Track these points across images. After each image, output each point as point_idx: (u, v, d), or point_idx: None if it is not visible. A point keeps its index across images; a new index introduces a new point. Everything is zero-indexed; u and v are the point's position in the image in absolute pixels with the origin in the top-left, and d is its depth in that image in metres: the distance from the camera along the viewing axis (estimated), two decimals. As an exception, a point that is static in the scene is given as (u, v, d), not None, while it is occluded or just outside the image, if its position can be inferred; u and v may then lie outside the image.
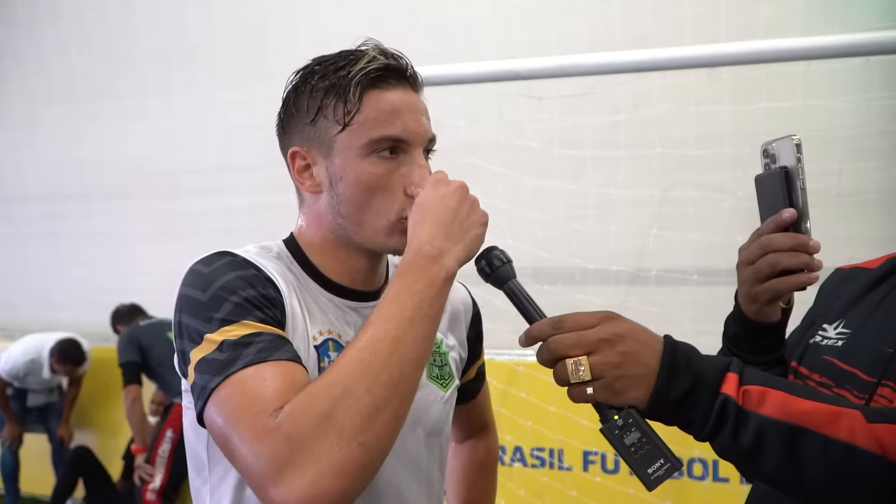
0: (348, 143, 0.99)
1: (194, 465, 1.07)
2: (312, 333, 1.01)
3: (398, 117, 0.99)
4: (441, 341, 1.17)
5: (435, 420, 1.12)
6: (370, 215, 1.00)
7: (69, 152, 5.10)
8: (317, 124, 1.01)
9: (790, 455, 0.79)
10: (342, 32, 4.23)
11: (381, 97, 0.99)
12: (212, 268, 0.95)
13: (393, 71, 1.01)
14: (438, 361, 1.14)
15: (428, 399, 1.11)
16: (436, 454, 1.13)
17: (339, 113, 0.99)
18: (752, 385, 0.81)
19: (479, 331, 1.28)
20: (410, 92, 1.03)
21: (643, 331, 0.84)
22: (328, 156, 1.01)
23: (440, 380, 1.14)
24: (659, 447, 0.81)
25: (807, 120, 3.12)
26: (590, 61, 2.67)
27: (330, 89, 1.00)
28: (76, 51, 4.95)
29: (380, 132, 0.98)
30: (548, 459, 3.64)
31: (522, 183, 3.60)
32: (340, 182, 1.00)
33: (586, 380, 0.82)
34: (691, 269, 3.41)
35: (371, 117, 0.99)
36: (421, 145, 1.02)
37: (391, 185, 0.99)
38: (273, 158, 1.17)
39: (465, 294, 1.26)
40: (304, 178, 1.04)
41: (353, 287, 1.07)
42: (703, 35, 3.26)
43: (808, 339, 1.13)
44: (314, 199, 1.05)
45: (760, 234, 1.03)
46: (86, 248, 5.16)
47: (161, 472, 3.75)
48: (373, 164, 0.99)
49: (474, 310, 1.26)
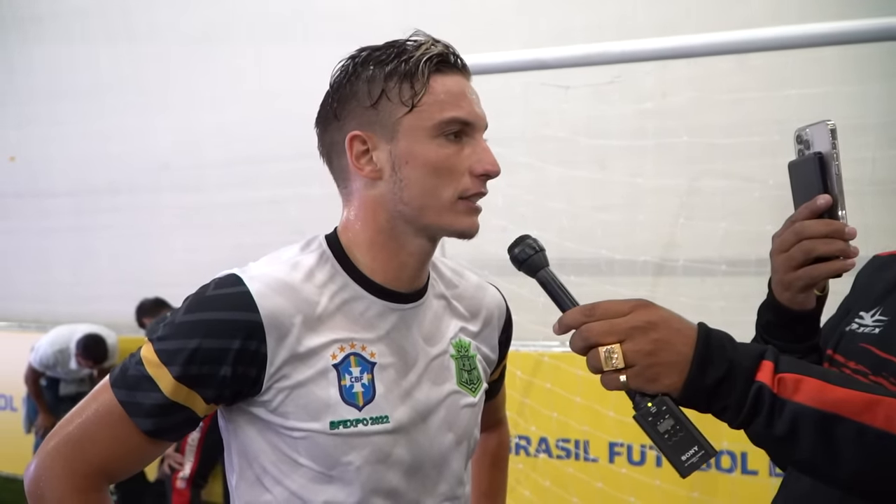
0: (415, 124, 0.99)
1: (226, 454, 1.08)
2: (332, 352, 1.00)
3: (463, 100, 1.01)
4: (469, 344, 1.16)
5: (465, 425, 1.12)
6: (433, 198, 1.00)
7: (97, 147, 5.17)
8: (379, 107, 1.00)
9: (825, 443, 0.78)
10: (367, 22, 4.25)
11: (445, 81, 1.01)
12: (205, 308, 0.97)
13: (449, 58, 1.02)
14: (467, 366, 1.14)
15: (459, 405, 1.10)
16: (464, 457, 1.14)
17: (406, 95, 0.99)
18: (787, 373, 0.80)
19: (510, 335, 1.27)
20: (466, 79, 1.04)
21: (677, 318, 0.83)
22: (392, 139, 1.00)
23: (469, 385, 1.13)
24: (693, 434, 0.80)
25: (839, 106, 3.07)
26: (617, 49, 2.65)
27: (392, 72, 1.00)
28: (102, 46, 5.01)
29: (449, 113, 0.99)
30: (573, 451, 3.63)
31: (548, 173, 3.58)
32: (406, 165, 1.00)
33: (619, 367, 0.81)
34: (719, 260, 3.38)
35: (439, 99, 0.99)
36: (482, 129, 1.03)
37: (457, 166, 1.00)
38: (297, 152, 1.18)
39: (500, 298, 1.24)
40: (362, 163, 1.02)
41: (397, 288, 1.06)
42: (731, 21, 3.22)
43: (843, 326, 1.11)
44: (370, 186, 1.03)
45: (794, 220, 1.01)
46: (114, 241, 5.25)
47: (191, 460, 3.78)
48: (440, 145, 1.00)
49: (507, 314, 1.25)
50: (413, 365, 1.06)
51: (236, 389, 0.97)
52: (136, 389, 0.96)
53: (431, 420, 1.06)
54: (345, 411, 0.99)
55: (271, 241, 2.27)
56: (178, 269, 4.93)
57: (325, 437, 0.98)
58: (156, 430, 0.96)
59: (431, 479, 1.07)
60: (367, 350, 1.03)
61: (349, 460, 0.99)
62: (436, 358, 1.09)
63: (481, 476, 1.39)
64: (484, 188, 1.02)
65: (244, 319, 0.95)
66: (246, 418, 1.01)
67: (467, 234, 1.03)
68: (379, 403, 1.01)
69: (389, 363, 1.04)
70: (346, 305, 1.03)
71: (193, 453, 3.79)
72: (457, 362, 1.12)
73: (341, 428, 0.98)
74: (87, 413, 0.98)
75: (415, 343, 1.07)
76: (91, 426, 0.97)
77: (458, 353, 1.12)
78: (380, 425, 1.00)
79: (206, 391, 0.96)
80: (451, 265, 1.21)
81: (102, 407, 0.97)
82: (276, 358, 0.97)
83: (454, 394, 1.10)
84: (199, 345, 0.94)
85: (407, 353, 1.06)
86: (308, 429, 0.98)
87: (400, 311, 1.06)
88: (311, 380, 0.98)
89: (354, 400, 1.00)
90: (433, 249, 1.08)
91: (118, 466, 0.98)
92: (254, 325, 0.95)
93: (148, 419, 0.95)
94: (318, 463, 0.99)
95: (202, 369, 0.95)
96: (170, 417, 0.96)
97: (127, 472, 1.01)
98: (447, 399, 1.09)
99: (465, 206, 1.01)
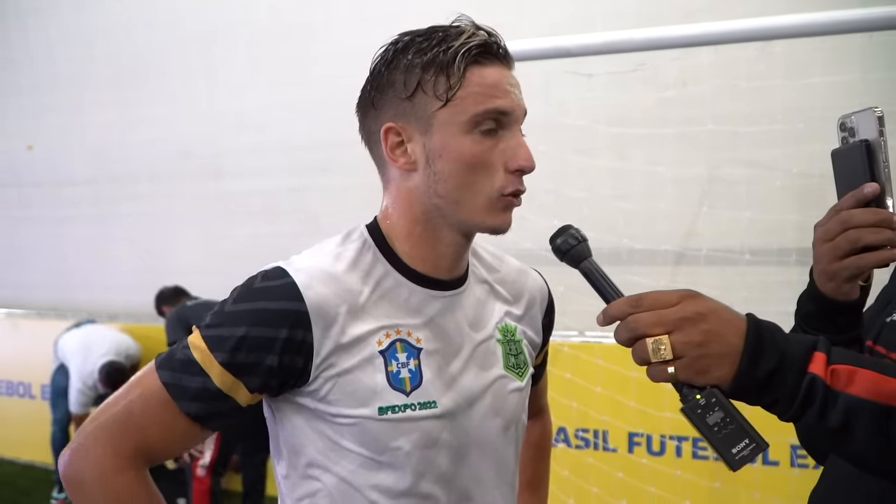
0: (450, 118, 0.98)
1: (273, 445, 1.09)
2: (378, 339, 1.01)
3: (499, 91, 0.99)
4: (515, 328, 1.15)
5: (513, 409, 1.11)
6: (469, 193, 0.99)
7: (116, 136, 5.19)
8: (415, 99, 0.99)
9: (882, 435, 0.77)
10: (386, 13, 4.22)
11: (483, 73, 0.99)
12: (239, 304, 0.98)
13: (491, 47, 1.00)
14: (514, 350, 1.14)
15: (506, 389, 1.10)
16: (512, 442, 1.13)
17: (441, 88, 0.98)
18: (841, 364, 0.79)
19: (553, 318, 1.27)
20: (506, 68, 1.02)
21: (725, 309, 0.82)
22: (427, 132, 1.00)
23: (516, 369, 1.13)
24: (743, 427, 0.79)
25: (865, 94, 3.03)
26: (640, 37, 2.62)
27: (429, 64, 0.98)
28: (122, 35, 5.02)
29: (483, 106, 0.98)
30: (592, 440, 3.63)
31: (568, 162, 3.56)
32: (440, 159, 0.99)
33: (667, 359, 0.80)
34: (742, 249, 3.35)
35: (474, 92, 0.98)
36: (519, 120, 1.02)
37: (492, 161, 0.98)
38: (316, 140, 1.17)
39: (542, 281, 1.24)
40: (396, 155, 1.02)
41: (437, 276, 1.06)
42: (755, 8, 3.18)
43: (884, 317, 1.10)
44: (405, 177, 1.03)
45: (839, 209, 1.00)
46: (133, 229, 5.27)
47: (210, 448, 3.82)
48: (474, 141, 0.98)
49: (549, 298, 1.25)
50: (459, 350, 1.06)
51: (283, 380, 0.98)
52: (183, 372, 0.96)
53: (479, 405, 1.06)
54: (392, 397, 0.99)
55: (289, 230, 2.28)
56: (197, 257, 4.96)
57: (373, 422, 0.98)
58: (199, 415, 0.97)
59: (480, 465, 1.07)
60: (413, 336, 1.03)
61: (398, 445, 0.99)
62: (482, 343, 1.09)
63: (525, 466, 1.39)
64: (521, 185, 1.01)
65: (291, 309, 0.96)
66: (293, 409, 1.01)
67: (499, 231, 1.02)
68: (426, 388, 1.01)
69: (435, 349, 1.03)
70: (390, 293, 1.03)
71: (213, 441, 3.82)
72: (503, 346, 1.12)
73: (390, 413, 0.98)
74: (132, 395, 0.98)
75: (460, 329, 1.07)
76: (136, 408, 0.97)
77: (504, 338, 1.12)
78: (427, 410, 1.01)
79: (252, 380, 0.96)
80: (492, 250, 1.20)
81: (147, 389, 0.98)
82: (322, 348, 0.97)
83: (501, 378, 1.09)
84: (246, 333, 0.95)
85: (452, 339, 1.05)
86: (357, 415, 0.98)
87: (443, 298, 1.06)
88: (358, 367, 0.98)
89: (401, 385, 1.00)
90: (468, 244, 1.08)
91: (160, 448, 0.99)
92: (300, 315, 0.96)
93: (192, 403, 0.96)
94: (368, 448, 0.99)
95: (249, 357, 0.95)
96: (214, 404, 0.96)
97: (168, 455, 1.02)
98: (494, 384, 1.08)
99: (502, 203, 1.00)
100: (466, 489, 1.06)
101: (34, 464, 5.21)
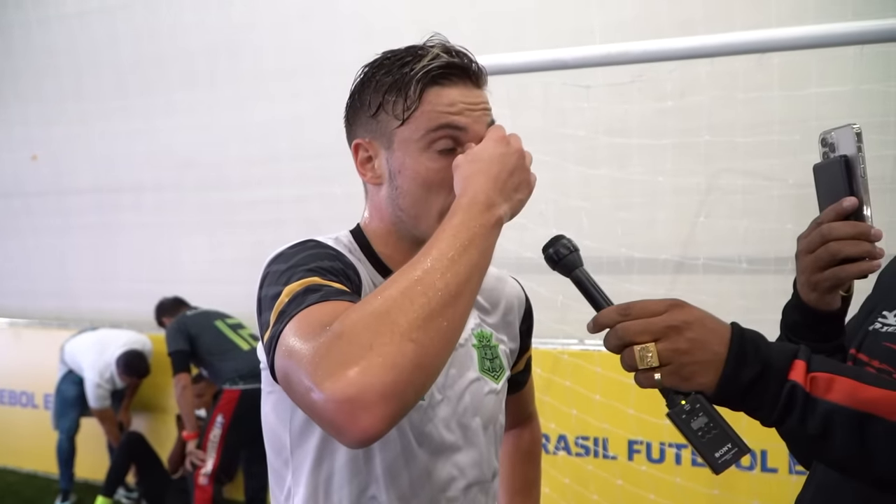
0: (408, 136, 1.03)
1: (275, 447, 1.12)
2: None
3: (454, 109, 1.02)
4: (491, 335, 1.22)
5: (490, 410, 1.18)
6: (425, 209, 1.04)
7: (120, 146, 5.22)
8: (378, 118, 1.05)
9: (858, 441, 0.80)
10: (386, 24, 4.26)
11: (441, 93, 1.02)
12: (296, 249, 1.02)
13: (455, 68, 1.03)
14: (489, 355, 1.20)
15: (482, 391, 1.17)
16: (492, 440, 1.20)
17: (399, 109, 1.02)
18: (820, 372, 0.82)
19: (531, 324, 1.32)
20: (472, 89, 1.04)
21: (710, 318, 0.86)
22: (389, 149, 1.05)
23: (492, 372, 1.19)
24: (726, 432, 0.82)
25: (860, 105, 3.06)
26: (638, 49, 2.65)
27: (392, 85, 1.03)
28: (127, 46, 5.06)
29: (435, 122, 1.01)
30: (592, 448, 3.64)
31: (568, 171, 3.60)
32: (399, 175, 1.04)
33: (654, 366, 0.84)
34: (739, 258, 3.39)
35: (427, 111, 1.01)
36: (478, 138, 1.03)
37: (448, 180, 1.00)
38: (319, 150, 1.21)
39: (519, 289, 1.30)
40: (366, 169, 1.09)
41: None
42: (752, 20, 3.22)
43: (867, 326, 1.13)
44: (376, 190, 1.10)
45: (820, 222, 1.03)
46: (137, 239, 5.30)
47: (213, 456, 3.83)
48: (431, 159, 1.02)
49: (527, 304, 1.31)
50: None
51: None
52: (311, 294, 0.89)
53: (459, 405, 1.13)
54: None
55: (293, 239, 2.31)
56: (201, 267, 4.99)
57: None
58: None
59: (460, 461, 1.13)
60: None
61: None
62: (458, 348, 1.14)
63: (515, 472, 1.43)
64: None
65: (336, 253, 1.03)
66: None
67: None
68: None
69: None
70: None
71: (215, 450, 3.83)
72: (479, 351, 1.18)
73: None
74: (299, 313, 0.87)
75: None
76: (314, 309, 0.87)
77: (479, 343, 1.19)
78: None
79: (349, 284, 0.98)
80: None
81: (303, 311, 0.87)
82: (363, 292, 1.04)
83: (477, 381, 1.16)
84: (320, 263, 0.97)
85: None
86: None
87: None
88: None
89: None
90: None
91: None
92: (347, 261, 1.04)
93: (343, 294, 0.92)
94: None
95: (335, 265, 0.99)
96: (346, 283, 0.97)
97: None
98: (471, 386, 1.15)
99: None
100: (447, 483, 1.12)
101: (37, 473, 5.22)
